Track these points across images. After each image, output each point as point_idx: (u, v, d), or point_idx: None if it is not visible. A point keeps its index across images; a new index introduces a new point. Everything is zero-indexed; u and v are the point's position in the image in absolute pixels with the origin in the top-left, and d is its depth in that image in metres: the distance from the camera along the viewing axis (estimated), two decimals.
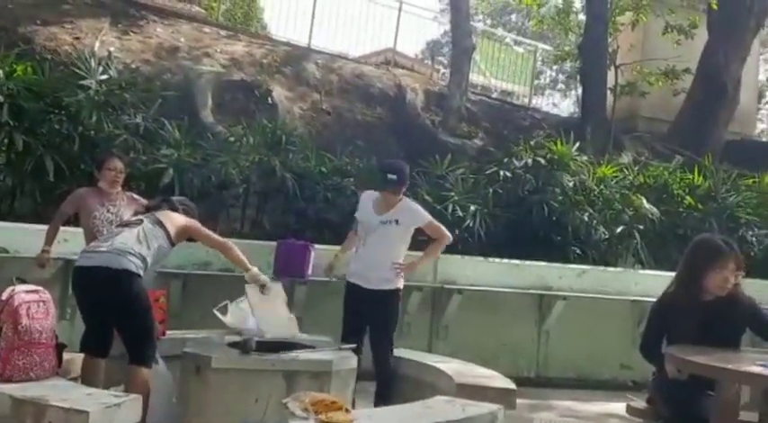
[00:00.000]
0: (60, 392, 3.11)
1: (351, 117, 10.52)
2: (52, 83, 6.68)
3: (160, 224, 3.98)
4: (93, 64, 7.05)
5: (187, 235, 4.13)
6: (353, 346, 4.45)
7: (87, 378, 3.82)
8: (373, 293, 4.77)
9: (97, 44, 9.02)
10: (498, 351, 7.01)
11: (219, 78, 9.69)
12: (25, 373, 3.30)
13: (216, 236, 4.29)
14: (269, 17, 15.06)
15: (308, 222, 7.50)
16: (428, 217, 4.97)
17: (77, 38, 9.12)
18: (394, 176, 4.79)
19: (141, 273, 3.79)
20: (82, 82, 6.77)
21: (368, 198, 4.99)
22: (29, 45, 8.33)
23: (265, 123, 8.12)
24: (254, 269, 4.21)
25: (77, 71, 6.89)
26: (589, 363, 7.47)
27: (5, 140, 6.17)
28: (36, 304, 3.46)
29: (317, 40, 12.20)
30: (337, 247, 5.44)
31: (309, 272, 6.30)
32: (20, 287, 3.49)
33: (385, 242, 4.78)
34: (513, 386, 4.12)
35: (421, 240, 5.12)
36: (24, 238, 5.38)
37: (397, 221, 4.78)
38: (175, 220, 4.08)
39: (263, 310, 4.31)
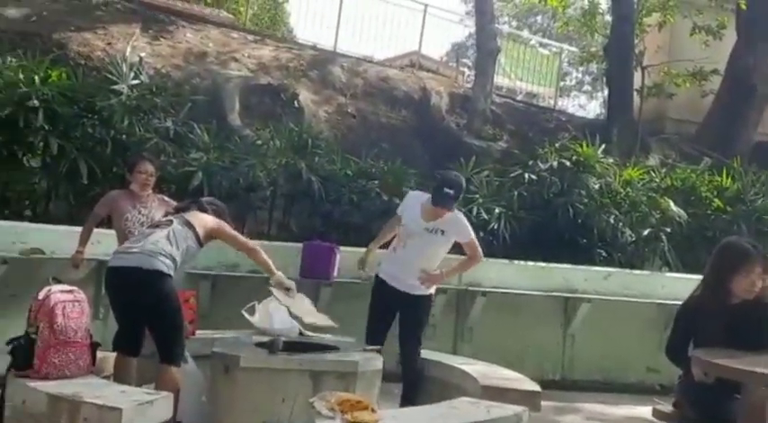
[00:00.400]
0: (94, 390, 3.19)
1: (376, 120, 10.58)
2: (85, 88, 6.81)
3: (189, 225, 4.02)
4: (124, 69, 7.20)
5: (215, 236, 4.15)
6: (379, 347, 4.50)
7: (120, 376, 3.90)
8: (405, 296, 4.76)
9: (129, 50, 9.19)
10: (523, 353, 7.00)
11: (247, 82, 9.82)
12: (61, 371, 3.38)
13: (242, 238, 4.32)
14: (295, 21, 15.21)
15: (334, 225, 7.57)
16: (471, 234, 4.84)
17: (109, 43, 9.30)
18: (451, 192, 4.59)
19: (172, 273, 3.85)
20: (114, 87, 6.91)
21: (415, 200, 4.87)
22: (63, 51, 8.53)
23: (291, 127, 8.21)
24: (279, 273, 4.24)
25: (110, 76, 7.04)
26: (615, 366, 7.43)
27: (41, 144, 6.30)
28: (71, 304, 3.55)
29: (343, 44, 12.35)
30: (362, 250, 5.46)
31: (335, 274, 6.36)
32: (56, 287, 3.58)
33: (426, 250, 4.73)
34: (538, 388, 4.11)
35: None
36: (59, 239, 5.51)
37: (443, 232, 4.70)
38: (204, 220, 4.12)
39: (297, 305, 4.37)
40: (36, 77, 6.36)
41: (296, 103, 9.90)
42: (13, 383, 3.38)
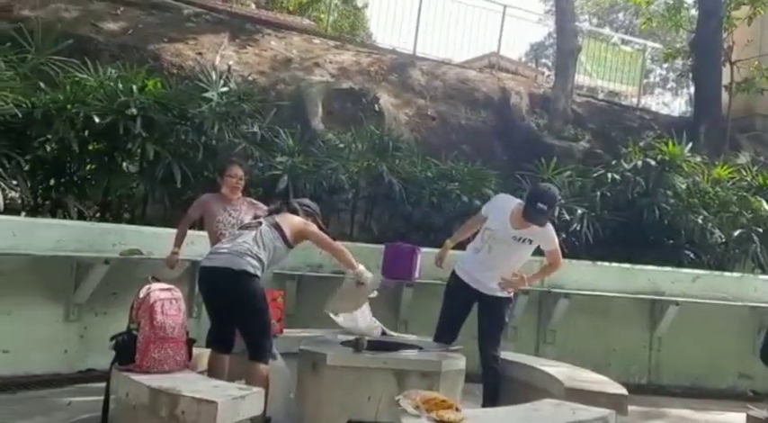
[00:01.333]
0: (191, 384, 3.36)
1: (455, 122, 10.61)
2: (178, 96, 7.08)
3: (277, 227, 4.13)
4: (214, 77, 7.45)
5: (303, 237, 4.23)
6: (461, 347, 4.54)
7: (213, 372, 4.05)
8: (486, 297, 4.75)
9: (218, 58, 9.54)
10: (608, 357, 6.91)
11: (329, 87, 10.03)
12: (160, 366, 3.58)
13: (329, 239, 4.35)
14: (374, 26, 15.40)
15: (414, 226, 7.65)
16: (556, 244, 4.75)
17: (200, 53, 9.68)
18: (545, 207, 4.45)
19: (258, 273, 3.97)
20: (204, 94, 7.16)
21: (504, 204, 4.75)
22: (157, 61, 8.95)
23: (373, 130, 8.34)
24: (360, 267, 4.26)
25: (200, 84, 7.31)
26: (705, 371, 7.23)
27: (138, 150, 6.62)
28: (169, 302, 3.75)
29: (422, 47, 12.41)
30: None
31: (417, 275, 6.42)
32: (155, 285, 3.80)
33: (512, 256, 4.69)
34: (624, 391, 4.03)
35: None
36: (156, 240, 5.75)
37: (530, 241, 4.65)
38: (292, 222, 4.21)
39: (344, 299, 4.45)
40: (134, 87, 6.66)
41: (376, 106, 10.04)
42: (117, 377, 3.60)
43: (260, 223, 4.18)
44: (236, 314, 4.01)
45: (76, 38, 7.83)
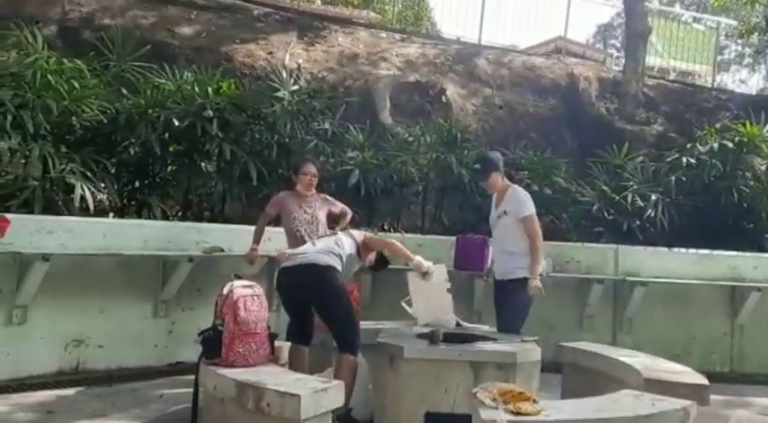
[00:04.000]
0: (275, 378, 3.47)
1: (523, 110, 10.52)
2: (252, 96, 7.30)
3: (351, 236, 4.44)
4: (284, 76, 7.64)
5: (367, 246, 4.50)
6: (536, 338, 4.54)
7: (294, 364, 4.20)
8: (498, 284, 4.84)
9: (287, 57, 9.74)
10: (688, 345, 6.79)
11: (396, 81, 10.10)
12: (245, 360, 3.71)
13: (379, 238, 4.71)
14: (439, 16, 15.38)
15: (485, 217, 7.60)
16: (529, 211, 4.71)
17: (270, 53, 9.90)
18: (477, 166, 4.92)
19: (341, 269, 4.17)
20: (276, 94, 7.35)
21: (494, 196, 5.03)
22: (230, 63, 9.21)
23: (440, 122, 8.37)
24: (417, 258, 4.39)
25: (272, 84, 7.49)
26: None
27: (216, 150, 6.85)
28: (251, 298, 3.88)
29: (487, 36, 12.37)
30: None
31: (488, 266, 6.43)
32: (237, 282, 3.93)
33: (503, 234, 4.82)
34: (705, 381, 3.92)
35: None
36: (235, 237, 5.96)
37: (506, 212, 4.78)
38: (358, 234, 4.54)
39: (421, 297, 4.53)
40: (209, 89, 6.90)
41: (443, 98, 10.06)
42: (204, 371, 3.76)
43: (336, 233, 4.49)
44: (324, 308, 4.15)
45: (154, 43, 8.14)
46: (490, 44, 12.13)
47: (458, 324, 4.80)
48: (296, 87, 7.60)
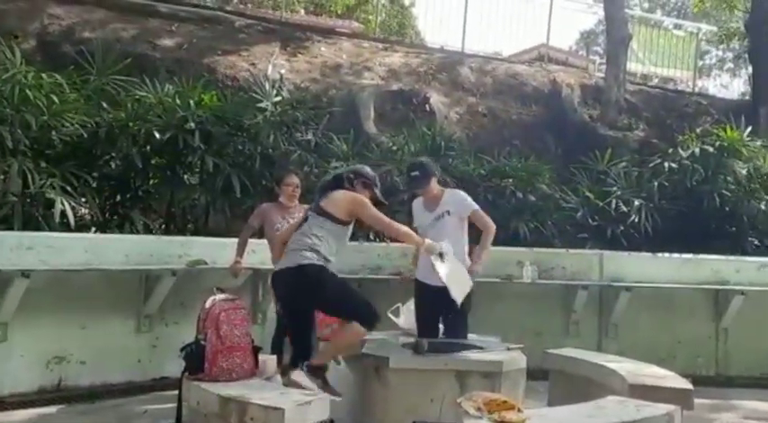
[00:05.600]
0: (259, 392, 3.45)
1: (506, 117, 10.57)
2: (234, 108, 7.27)
3: (322, 213, 4.05)
4: (267, 87, 7.63)
5: (354, 210, 4.05)
6: (522, 346, 4.54)
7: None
8: (440, 290, 4.60)
9: (270, 68, 9.72)
10: (674, 349, 6.80)
11: (380, 90, 10.11)
12: (228, 374, 3.69)
13: (384, 218, 4.11)
14: (422, 25, 15.42)
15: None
16: (474, 206, 4.85)
17: (252, 64, 9.89)
18: (416, 173, 4.79)
19: (315, 261, 3.91)
20: (259, 105, 7.34)
21: (417, 203, 4.98)
22: (212, 74, 9.18)
23: (424, 131, 8.37)
24: (427, 240, 4.24)
25: (254, 95, 7.49)
26: None
27: (198, 162, 6.83)
28: (234, 311, 3.87)
29: (470, 44, 12.39)
30: (499, 249, 5.47)
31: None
32: (219, 296, 3.92)
33: (441, 236, 4.62)
34: (689, 386, 3.94)
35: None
36: (219, 250, 5.91)
37: (448, 212, 4.76)
38: (336, 202, 4.05)
39: (451, 276, 4.35)
40: (191, 102, 6.88)
41: (427, 106, 10.07)
42: (188, 386, 3.74)
43: (306, 218, 4.13)
44: (319, 305, 4.03)
45: (135, 56, 8.10)
46: (474, 52, 12.18)
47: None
48: (279, 98, 7.60)
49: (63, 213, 5.80)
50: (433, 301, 4.74)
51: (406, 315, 4.95)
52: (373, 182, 4.28)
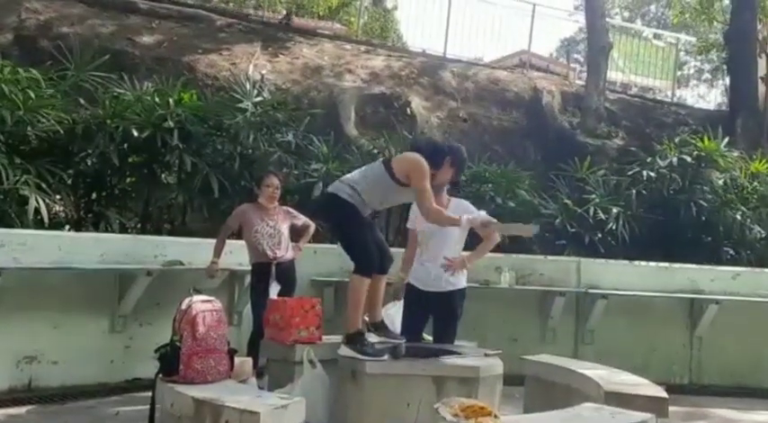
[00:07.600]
0: (234, 395, 3.40)
1: (487, 123, 10.60)
2: (214, 107, 7.23)
3: (386, 163, 4.13)
4: (248, 87, 7.58)
5: (411, 175, 4.02)
6: (499, 351, 4.54)
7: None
8: (437, 295, 4.73)
9: (251, 68, 9.68)
10: (648, 357, 6.84)
11: (361, 93, 10.11)
12: (203, 376, 3.63)
13: (430, 194, 4.04)
14: (405, 28, 15.44)
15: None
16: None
17: (233, 63, 9.83)
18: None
19: (348, 199, 4.00)
20: (239, 105, 7.28)
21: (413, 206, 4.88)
22: (192, 73, 9.12)
23: (405, 134, 8.38)
24: (463, 218, 4.17)
25: (235, 95, 7.43)
26: (748, 370, 7.09)
27: (176, 162, 6.76)
28: (210, 313, 3.80)
29: (452, 48, 12.45)
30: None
31: None
32: (196, 297, 3.85)
33: (444, 243, 4.69)
34: (664, 394, 3.92)
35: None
36: (196, 250, 5.86)
37: None
38: (401, 163, 4.09)
39: (511, 228, 4.67)
40: (170, 100, 6.80)
41: (408, 110, 10.08)
42: (161, 388, 3.68)
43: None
44: (336, 234, 4.28)
45: (113, 52, 8.02)
46: (455, 57, 12.22)
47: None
48: (259, 99, 7.55)
49: (37, 211, 5.71)
50: (422, 305, 4.76)
51: (387, 318, 4.91)
52: (461, 167, 4.38)
